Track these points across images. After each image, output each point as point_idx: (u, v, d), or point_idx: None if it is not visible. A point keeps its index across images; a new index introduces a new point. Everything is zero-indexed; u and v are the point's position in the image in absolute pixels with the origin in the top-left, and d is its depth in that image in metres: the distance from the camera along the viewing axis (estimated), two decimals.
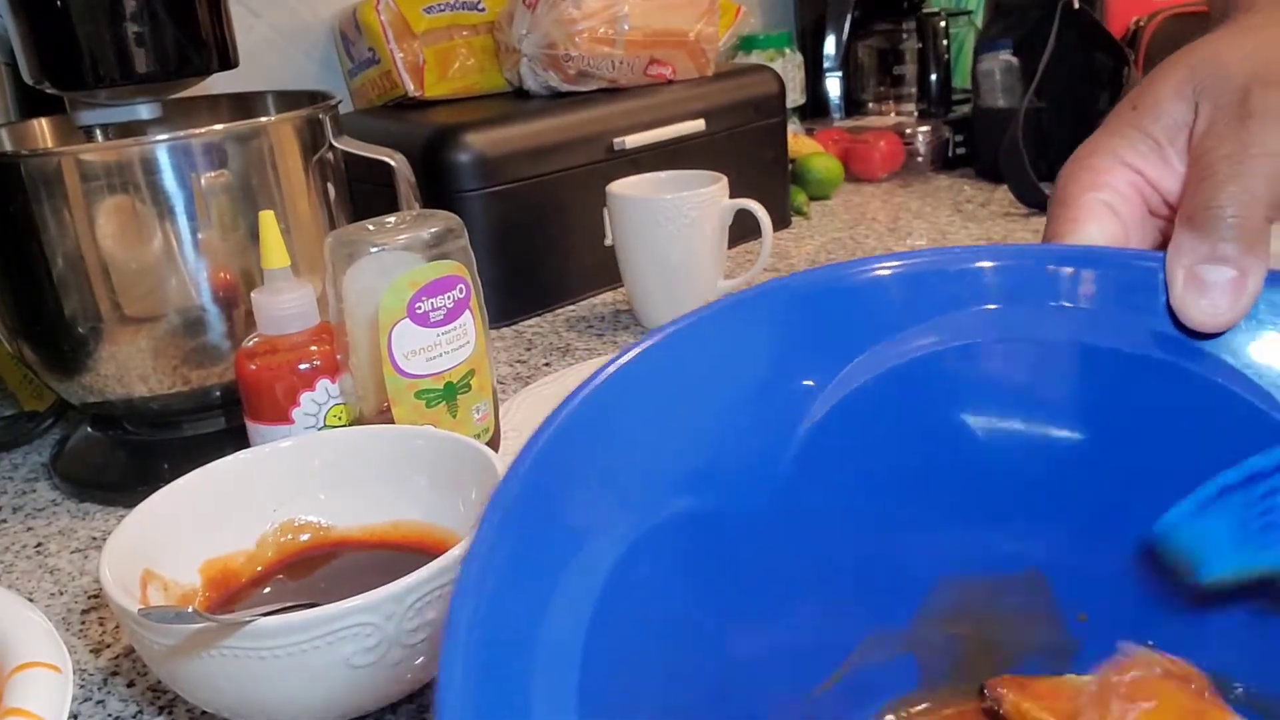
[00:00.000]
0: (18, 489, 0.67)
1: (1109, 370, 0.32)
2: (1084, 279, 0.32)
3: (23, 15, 0.59)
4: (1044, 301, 0.32)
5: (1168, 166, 0.35)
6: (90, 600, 0.53)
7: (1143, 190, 0.35)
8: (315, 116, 0.64)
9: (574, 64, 0.91)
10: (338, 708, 0.39)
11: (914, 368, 0.31)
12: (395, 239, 0.53)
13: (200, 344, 0.61)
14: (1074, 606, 0.33)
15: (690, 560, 0.28)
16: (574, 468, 0.26)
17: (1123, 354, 0.31)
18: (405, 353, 0.52)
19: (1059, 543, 0.33)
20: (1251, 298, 0.31)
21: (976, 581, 0.33)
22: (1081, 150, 0.36)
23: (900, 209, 1.13)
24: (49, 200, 0.57)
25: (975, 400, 0.32)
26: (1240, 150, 0.32)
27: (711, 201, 0.80)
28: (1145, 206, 0.36)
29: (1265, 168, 0.31)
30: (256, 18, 0.99)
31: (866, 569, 0.32)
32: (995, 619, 0.33)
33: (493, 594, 0.22)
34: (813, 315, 0.31)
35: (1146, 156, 0.35)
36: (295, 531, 0.49)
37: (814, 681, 0.32)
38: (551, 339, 0.83)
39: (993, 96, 1.17)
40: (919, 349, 0.31)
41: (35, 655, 0.35)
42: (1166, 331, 0.31)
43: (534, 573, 0.23)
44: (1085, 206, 0.35)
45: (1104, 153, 0.36)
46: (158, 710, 0.44)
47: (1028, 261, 0.32)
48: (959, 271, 0.32)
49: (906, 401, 0.31)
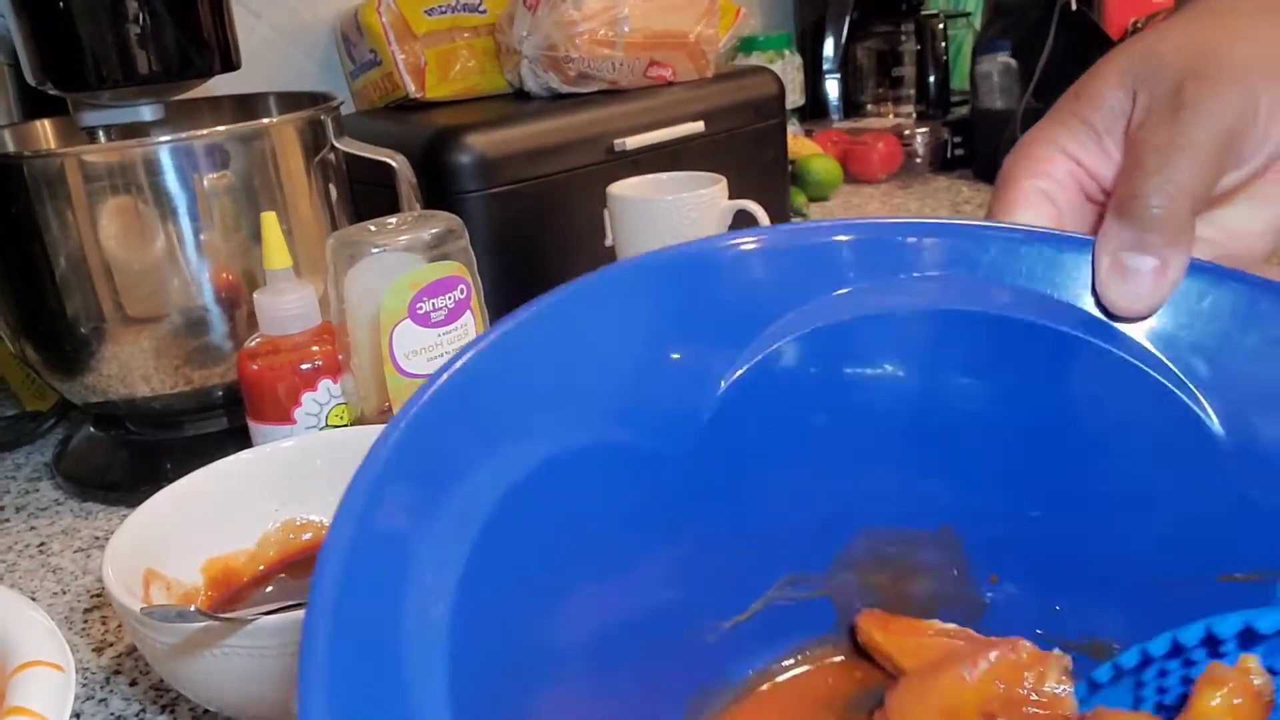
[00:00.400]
0: (21, 488, 0.67)
1: (1025, 343, 0.33)
2: (1004, 255, 0.33)
3: (25, 16, 0.59)
4: (965, 274, 0.33)
5: (1105, 155, 0.35)
6: (93, 599, 0.53)
7: (1080, 178, 0.36)
8: (317, 118, 0.65)
9: (574, 65, 0.92)
10: None
11: (833, 333, 0.32)
12: (396, 240, 0.53)
13: (202, 344, 0.61)
14: (986, 567, 0.34)
15: (602, 489, 0.29)
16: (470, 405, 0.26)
17: (1039, 328, 0.32)
18: (406, 353, 0.53)
19: (973, 504, 0.34)
20: (1172, 285, 0.32)
21: (893, 533, 0.34)
22: (1025, 137, 0.37)
23: (899, 210, 1.13)
24: (52, 201, 0.57)
25: (893, 365, 0.33)
26: (1169, 142, 0.32)
27: (711, 202, 0.80)
28: (1082, 193, 0.36)
29: (1192, 159, 0.32)
30: (258, 19, 0.99)
31: (785, 513, 0.33)
32: (911, 572, 0.35)
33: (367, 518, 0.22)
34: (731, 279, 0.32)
35: (1085, 145, 0.36)
36: (297, 531, 0.49)
37: (725, 616, 0.33)
38: None
39: (991, 98, 1.17)
40: (841, 314, 0.32)
41: (38, 654, 0.36)
42: (1088, 312, 0.32)
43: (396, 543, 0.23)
44: (1023, 192, 0.36)
45: (1044, 140, 0.36)
46: (160, 709, 0.45)
47: (955, 239, 0.33)
48: (894, 240, 0.33)
49: (823, 362, 0.33)
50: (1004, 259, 0.33)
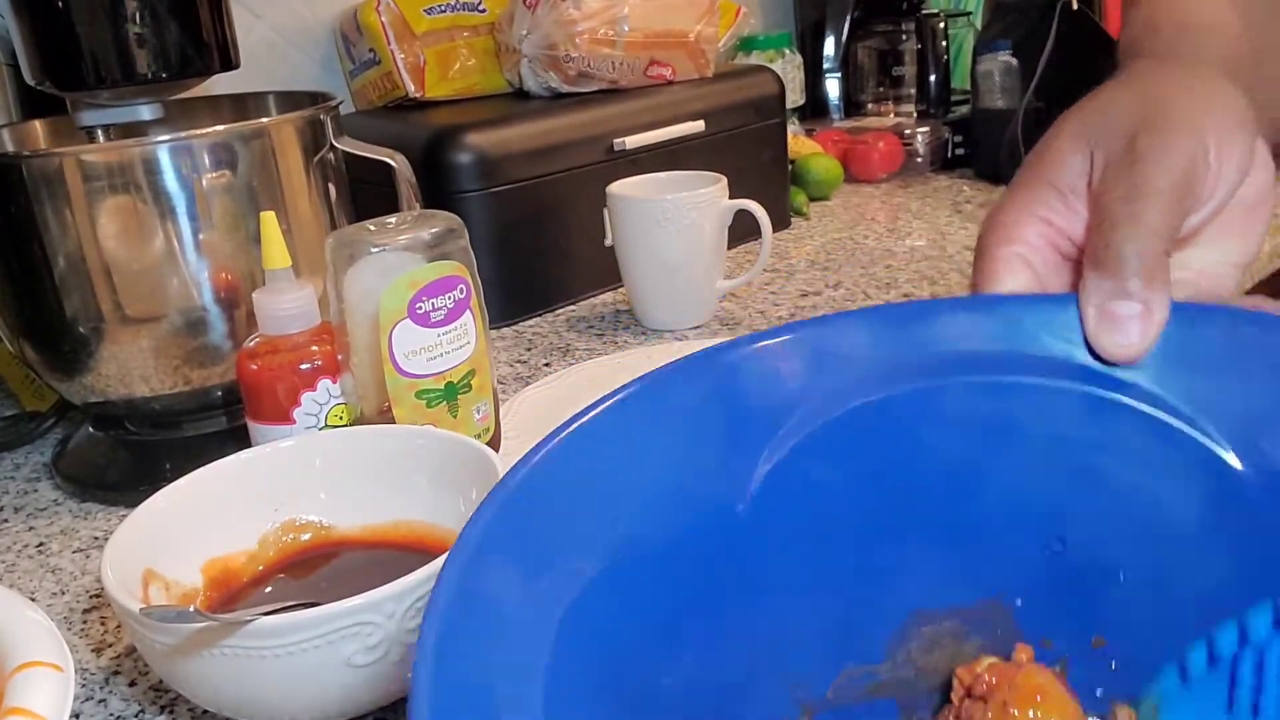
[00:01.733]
0: (20, 489, 0.67)
1: (1038, 405, 0.34)
2: (1000, 323, 0.34)
3: (24, 16, 0.59)
4: (974, 346, 0.34)
5: (1073, 213, 0.37)
6: (92, 600, 0.53)
7: (1053, 239, 0.38)
8: (316, 117, 0.64)
9: (574, 65, 0.92)
10: (338, 707, 0.40)
11: (858, 416, 0.33)
12: (396, 239, 0.53)
13: (202, 344, 0.61)
14: (1038, 633, 0.34)
15: (650, 597, 0.30)
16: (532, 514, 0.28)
17: (1050, 389, 0.34)
18: (406, 353, 0.52)
19: (1016, 571, 0.34)
20: (1159, 326, 0.33)
21: (943, 612, 0.34)
22: (995, 206, 0.39)
23: (899, 209, 1.13)
24: (51, 200, 0.57)
25: (920, 441, 0.34)
26: (1132, 191, 0.34)
27: (711, 202, 0.80)
28: (1058, 253, 0.38)
29: (1156, 205, 0.34)
30: (257, 18, 0.99)
31: (833, 601, 0.34)
32: (966, 650, 0.35)
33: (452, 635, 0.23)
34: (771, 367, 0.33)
35: (1053, 206, 0.37)
36: (296, 531, 0.49)
37: (794, 708, 0.33)
38: (552, 339, 0.84)
39: (992, 97, 1.17)
40: (864, 396, 0.34)
41: (37, 655, 0.35)
42: (1087, 364, 0.33)
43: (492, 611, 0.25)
44: (1001, 260, 0.37)
45: (1014, 207, 0.38)
46: (159, 710, 0.45)
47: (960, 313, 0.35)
48: (910, 321, 0.34)
49: (855, 446, 0.33)
50: (1003, 328, 0.34)
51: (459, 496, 0.48)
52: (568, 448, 0.29)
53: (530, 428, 0.64)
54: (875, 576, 0.34)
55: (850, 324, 0.34)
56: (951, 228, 1.04)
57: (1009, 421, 0.34)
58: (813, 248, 1.02)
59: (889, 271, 0.93)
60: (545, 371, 0.77)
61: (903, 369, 0.34)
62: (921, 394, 0.34)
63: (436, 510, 0.48)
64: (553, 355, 0.80)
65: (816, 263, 0.97)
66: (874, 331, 0.34)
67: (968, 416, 0.34)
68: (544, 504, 0.28)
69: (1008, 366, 0.34)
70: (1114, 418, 0.33)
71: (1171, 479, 0.32)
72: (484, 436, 0.57)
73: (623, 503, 0.30)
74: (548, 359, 0.79)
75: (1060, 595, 0.34)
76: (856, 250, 1.00)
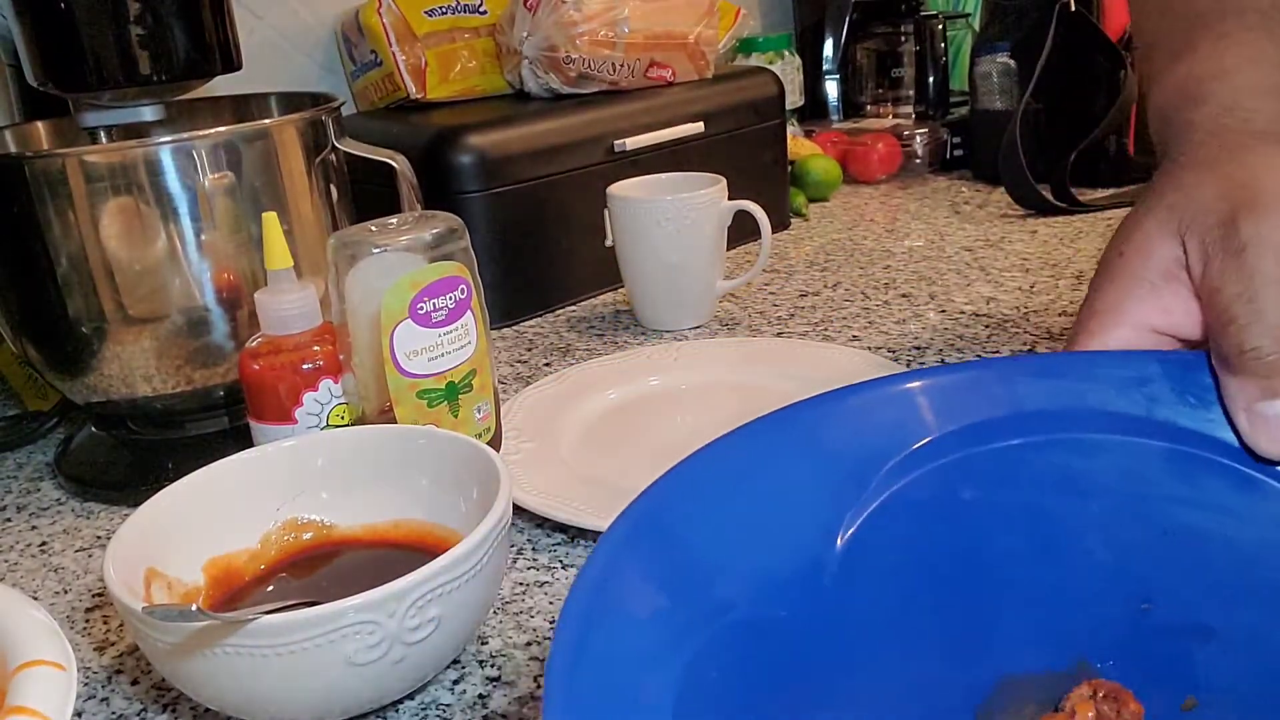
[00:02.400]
0: (22, 488, 0.67)
1: (1116, 460, 0.33)
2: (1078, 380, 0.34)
3: (27, 18, 0.59)
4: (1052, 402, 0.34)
5: (1164, 304, 0.37)
6: (94, 599, 0.54)
7: (1144, 334, 0.38)
8: (318, 118, 0.65)
9: (574, 66, 0.92)
10: (340, 705, 0.40)
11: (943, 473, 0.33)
12: (397, 240, 0.53)
13: (204, 344, 0.62)
14: None
15: (747, 666, 0.30)
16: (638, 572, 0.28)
17: (1127, 445, 0.33)
18: (407, 353, 0.53)
19: (1105, 632, 0.34)
20: None
21: (1031, 678, 0.34)
22: (1085, 309, 0.39)
23: (898, 210, 1.14)
24: (53, 201, 0.58)
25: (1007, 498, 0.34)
26: (1247, 286, 0.33)
27: (711, 203, 0.80)
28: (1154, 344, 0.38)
29: (1276, 296, 0.33)
30: (259, 20, 0.99)
31: (921, 669, 0.33)
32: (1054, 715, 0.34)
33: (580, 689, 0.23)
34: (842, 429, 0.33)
35: (1144, 299, 0.37)
36: (298, 530, 0.50)
37: None
38: (552, 339, 0.84)
39: (990, 98, 1.17)
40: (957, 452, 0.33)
41: (39, 653, 0.36)
42: (1170, 420, 0.33)
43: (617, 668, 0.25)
44: None
45: (1104, 308, 0.38)
46: (161, 708, 0.45)
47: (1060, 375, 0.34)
48: (1001, 376, 0.34)
49: (935, 507, 0.33)
50: (1082, 386, 0.34)
51: (460, 496, 0.48)
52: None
53: (531, 427, 0.64)
54: (961, 641, 0.33)
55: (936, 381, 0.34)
56: (950, 228, 1.05)
57: (1092, 479, 0.33)
58: (812, 248, 1.02)
59: (887, 272, 0.93)
60: (546, 371, 0.77)
61: (987, 426, 0.33)
62: (1003, 452, 0.33)
63: (438, 510, 0.49)
64: (553, 355, 0.80)
65: (815, 263, 0.97)
66: (960, 388, 0.34)
67: (1050, 474, 0.33)
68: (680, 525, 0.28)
69: (1089, 424, 0.33)
70: (1201, 473, 0.33)
71: (1262, 532, 0.32)
72: (485, 436, 0.57)
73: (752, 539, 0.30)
74: (548, 359, 0.80)
75: (1149, 656, 0.33)
76: (855, 251, 1.00)
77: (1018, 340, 0.74)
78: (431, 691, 0.44)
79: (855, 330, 0.79)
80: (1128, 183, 1.11)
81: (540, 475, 0.58)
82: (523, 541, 0.55)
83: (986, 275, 0.89)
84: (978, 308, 0.82)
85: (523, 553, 0.54)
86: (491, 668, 0.45)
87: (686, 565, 0.29)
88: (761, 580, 0.30)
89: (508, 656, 0.46)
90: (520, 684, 0.44)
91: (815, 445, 0.33)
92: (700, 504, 0.30)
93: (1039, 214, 1.06)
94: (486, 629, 0.48)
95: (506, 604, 0.49)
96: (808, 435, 0.33)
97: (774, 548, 0.31)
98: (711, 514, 0.30)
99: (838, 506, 0.32)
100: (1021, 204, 1.08)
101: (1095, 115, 1.06)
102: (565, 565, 0.52)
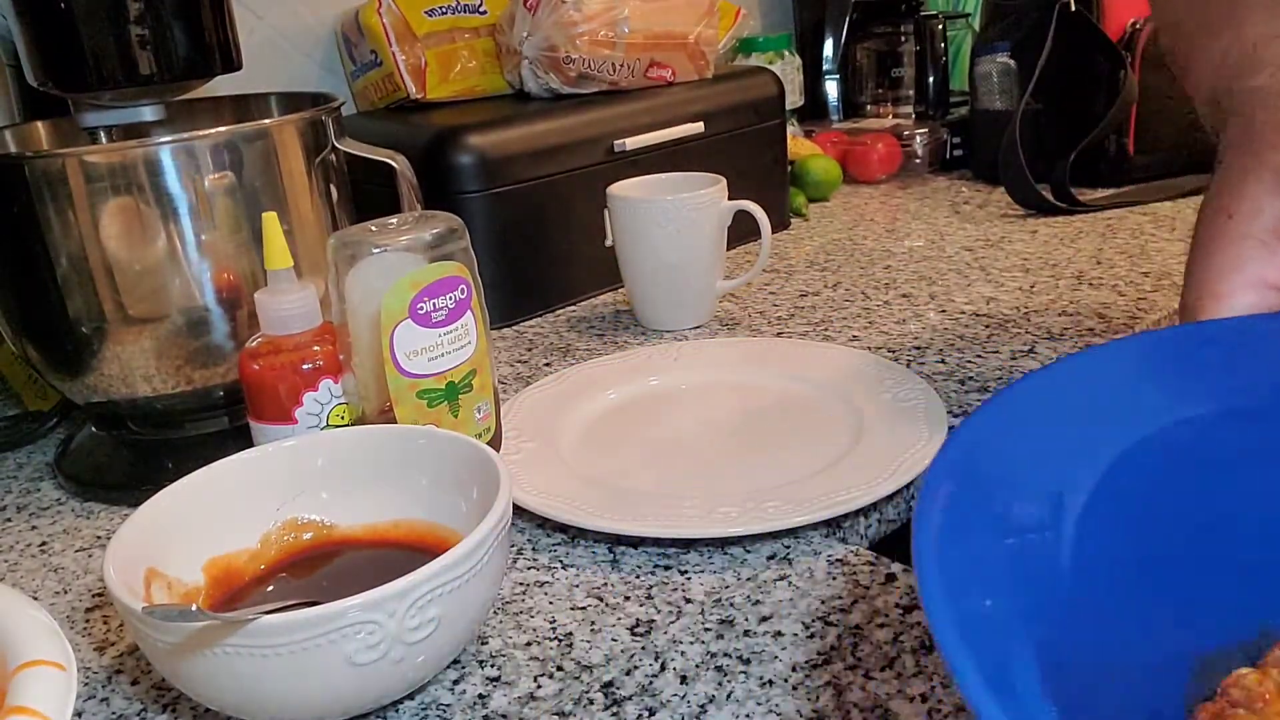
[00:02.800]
0: (22, 488, 0.67)
1: None
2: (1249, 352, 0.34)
3: (27, 18, 0.59)
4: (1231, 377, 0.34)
5: (1277, 261, 0.37)
6: (94, 599, 0.54)
7: (1266, 294, 0.38)
8: (318, 118, 0.65)
9: (574, 66, 0.92)
10: (340, 705, 0.40)
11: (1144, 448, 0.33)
12: (397, 240, 0.53)
13: (204, 344, 0.62)
14: None
15: None
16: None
17: None
18: (407, 353, 0.53)
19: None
20: None
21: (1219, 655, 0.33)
22: (1197, 274, 0.39)
23: (898, 210, 1.14)
24: (53, 201, 0.58)
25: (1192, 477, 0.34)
26: None
27: (711, 203, 0.80)
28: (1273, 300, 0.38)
29: None
30: (259, 20, 0.99)
31: (1160, 613, 0.33)
32: None
33: None
34: None
35: (1260, 260, 0.37)
36: (298, 530, 0.50)
37: None
38: (552, 339, 0.84)
39: (990, 98, 1.17)
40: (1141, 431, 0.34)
41: (39, 653, 0.36)
42: None
43: None
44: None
45: (1220, 269, 0.38)
46: (161, 708, 0.45)
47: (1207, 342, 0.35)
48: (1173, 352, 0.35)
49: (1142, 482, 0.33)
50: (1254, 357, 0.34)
51: (460, 496, 0.48)
52: None
53: (531, 427, 0.64)
54: (1210, 594, 0.33)
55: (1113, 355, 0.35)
56: (950, 228, 1.05)
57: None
58: (812, 248, 1.02)
59: (887, 272, 0.93)
60: (546, 371, 0.77)
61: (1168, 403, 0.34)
62: (1186, 425, 0.33)
63: (438, 510, 0.49)
64: (553, 355, 0.80)
65: (815, 263, 0.97)
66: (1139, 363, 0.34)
67: (1237, 448, 0.33)
68: None
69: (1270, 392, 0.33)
70: None
71: None
72: (485, 436, 0.57)
73: None
74: (548, 359, 0.80)
75: None
76: (855, 251, 1.00)
77: (1018, 340, 0.74)
78: (431, 691, 0.44)
79: (855, 330, 0.79)
80: (1128, 183, 1.11)
81: (540, 475, 0.58)
82: (523, 541, 0.55)
83: (987, 275, 0.89)
84: (978, 308, 0.82)
85: (523, 553, 0.54)
86: (491, 668, 0.45)
87: None
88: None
89: (508, 656, 0.46)
90: (520, 684, 0.44)
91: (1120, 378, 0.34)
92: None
93: (1039, 214, 1.06)
94: (486, 629, 0.48)
95: (506, 604, 0.49)
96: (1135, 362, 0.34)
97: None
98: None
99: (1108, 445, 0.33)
100: (1021, 204, 1.08)
101: (1095, 115, 1.06)
102: (565, 565, 0.52)
